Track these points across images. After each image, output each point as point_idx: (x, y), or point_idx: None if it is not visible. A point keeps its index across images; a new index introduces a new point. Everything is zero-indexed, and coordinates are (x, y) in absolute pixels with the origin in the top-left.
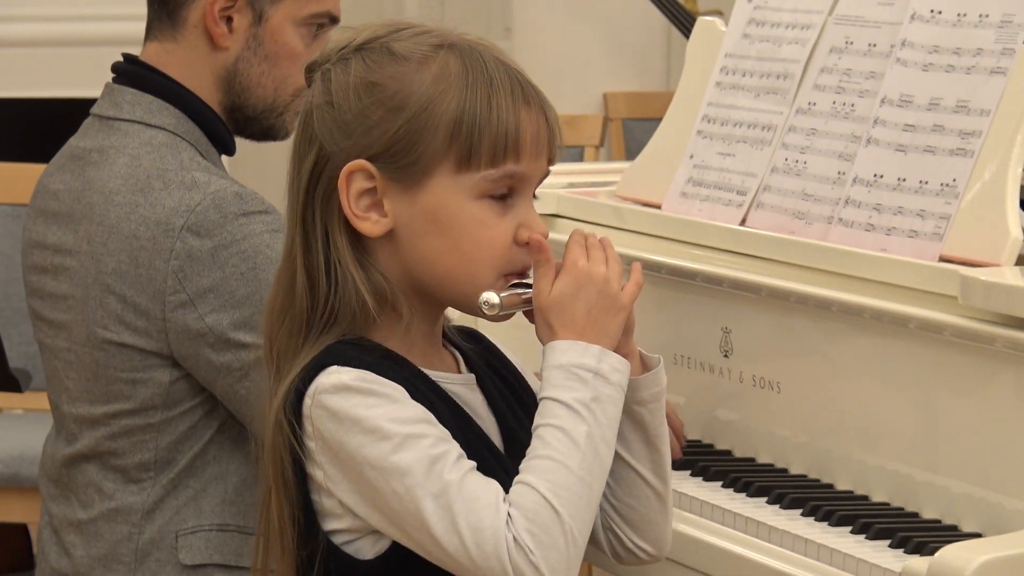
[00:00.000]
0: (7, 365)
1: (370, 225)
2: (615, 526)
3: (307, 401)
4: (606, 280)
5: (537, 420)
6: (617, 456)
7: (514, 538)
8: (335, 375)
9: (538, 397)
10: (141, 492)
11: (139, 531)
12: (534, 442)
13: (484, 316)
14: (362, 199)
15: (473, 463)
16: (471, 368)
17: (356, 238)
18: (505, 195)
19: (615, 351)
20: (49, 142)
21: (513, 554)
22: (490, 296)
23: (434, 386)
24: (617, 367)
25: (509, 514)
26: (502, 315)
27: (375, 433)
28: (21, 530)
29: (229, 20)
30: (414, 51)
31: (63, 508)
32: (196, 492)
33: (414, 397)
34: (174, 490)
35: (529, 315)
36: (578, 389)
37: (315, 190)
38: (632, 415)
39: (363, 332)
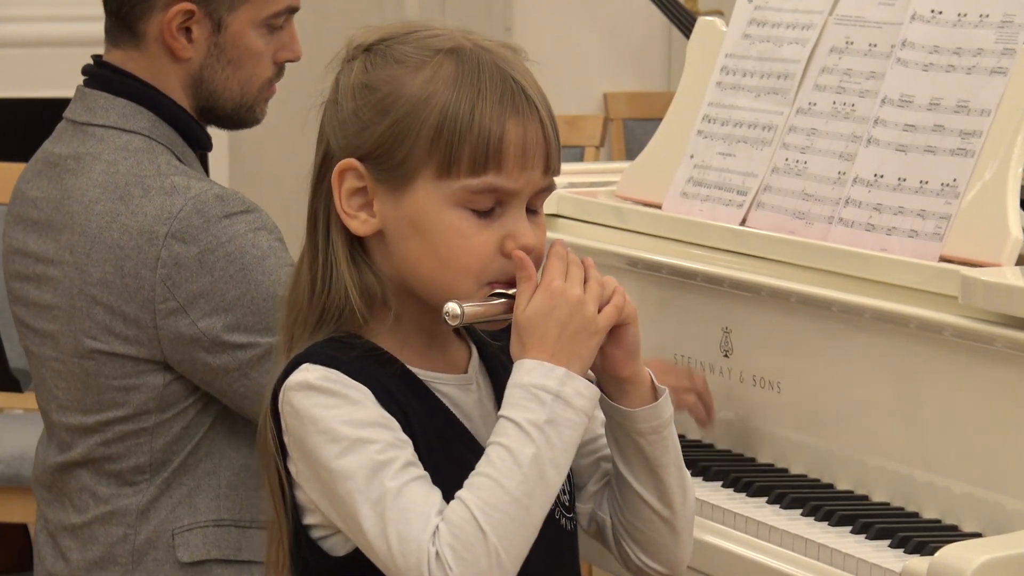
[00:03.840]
0: (8, 365)
1: (358, 224)
2: (623, 543)
3: (280, 397)
4: (581, 302)
5: (491, 438)
6: (621, 477)
7: (436, 552)
8: (303, 373)
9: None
10: (136, 494)
11: (135, 532)
12: (482, 459)
13: (448, 325)
14: (354, 198)
15: (421, 472)
16: (489, 366)
17: (355, 236)
18: (491, 207)
19: (617, 375)
20: (40, 143)
21: (433, 568)
22: (452, 307)
23: (418, 385)
24: (582, 392)
25: (438, 527)
26: (473, 325)
27: (327, 434)
28: (21, 530)
29: (188, 32)
30: (413, 55)
31: (57, 513)
32: (190, 489)
33: (384, 399)
34: (168, 489)
35: (496, 327)
36: (534, 410)
37: (320, 186)
38: (633, 442)
39: (357, 329)
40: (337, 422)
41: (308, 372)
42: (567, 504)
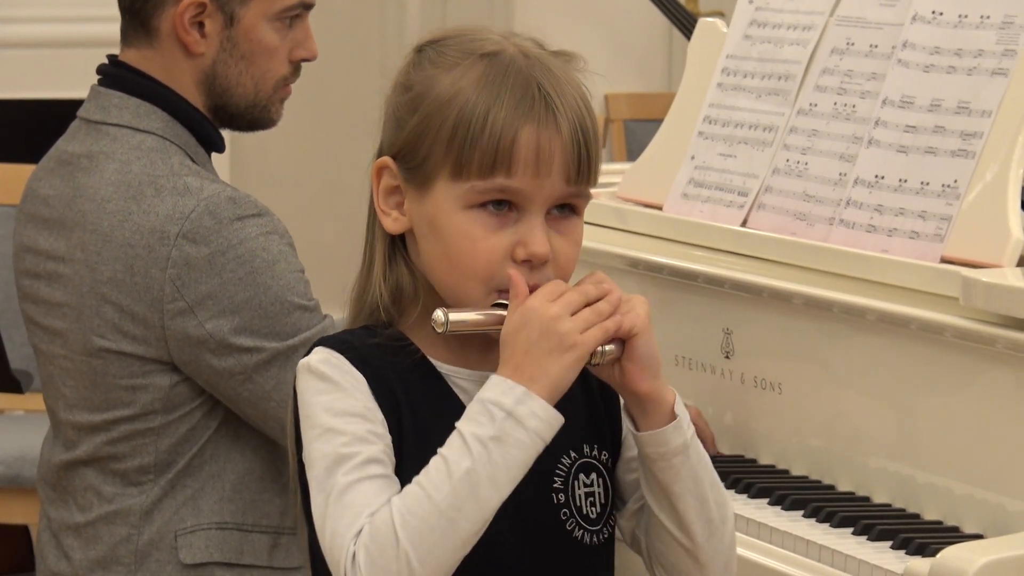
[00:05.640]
0: (8, 366)
1: (391, 222)
2: (654, 565)
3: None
4: (555, 318)
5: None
6: (645, 496)
7: (354, 553)
8: (312, 354)
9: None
10: (141, 495)
11: (138, 532)
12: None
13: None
14: (391, 196)
15: (382, 471)
16: None
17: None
18: (504, 209)
19: (635, 389)
20: (50, 143)
21: (348, 568)
22: (438, 314)
23: (434, 377)
24: (538, 413)
25: (362, 529)
26: (460, 334)
27: (308, 419)
28: (23, 531)
29: (201, 26)
30: (451, 56)
31: (61, 512)
32: (194, 491)
33: (379, 388)
34: (172, 490)
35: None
36: (483, 425)
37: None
38: (646, 468)
39: (396, 322)
40: (319, 408)
41: (315, 354)
42: (592, 518)
